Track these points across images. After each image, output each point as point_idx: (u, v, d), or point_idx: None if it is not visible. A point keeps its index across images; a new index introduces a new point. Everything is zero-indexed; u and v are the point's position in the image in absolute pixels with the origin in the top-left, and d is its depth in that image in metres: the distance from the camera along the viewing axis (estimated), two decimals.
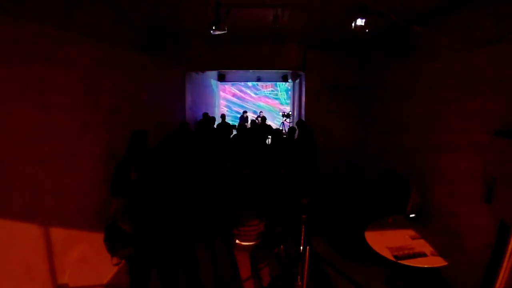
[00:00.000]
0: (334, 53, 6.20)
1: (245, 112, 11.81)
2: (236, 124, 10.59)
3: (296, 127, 6.01)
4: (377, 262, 2.64)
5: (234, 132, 7.86)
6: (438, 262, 2.43)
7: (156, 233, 2.57)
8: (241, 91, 13.48)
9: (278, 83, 12.74)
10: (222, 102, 13.12)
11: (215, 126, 6.97)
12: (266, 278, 2.92)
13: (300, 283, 2.65)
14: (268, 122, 9.46)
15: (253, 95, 13.59)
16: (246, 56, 6.37)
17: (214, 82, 11.17)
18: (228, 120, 9.30)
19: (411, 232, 2.86)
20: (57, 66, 2.51)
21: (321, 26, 4.54)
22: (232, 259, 2.89)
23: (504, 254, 2.14)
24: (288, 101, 13.05)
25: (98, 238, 2.49)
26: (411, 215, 3.15)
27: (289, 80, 10.35)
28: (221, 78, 10.94)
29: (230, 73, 10.44)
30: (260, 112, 12.07)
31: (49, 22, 2.40)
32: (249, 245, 2.73)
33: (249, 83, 13.17)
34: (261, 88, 13.51)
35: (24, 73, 2.17)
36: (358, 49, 5.82)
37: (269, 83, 13.13)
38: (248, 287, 2.83)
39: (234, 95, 13.47)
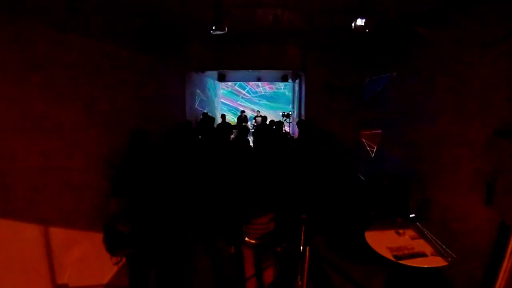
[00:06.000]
0: (334, 53, 6.20)
1: (242, 112, 11.73)
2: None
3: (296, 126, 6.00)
4: (377, 262, 2.64)
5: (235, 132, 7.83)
6: (438, 262, 2.43)
7: (156, 232, 2.56)
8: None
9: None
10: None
11: (215, 126, 6.96)
12: (268, 278, 2.92)
13: (300, 283, 2.65)
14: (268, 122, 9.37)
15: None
16: (246, 56, 6.37)
17: (214, 82, 11.15)
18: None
19: (411, 232, 2.86)
20: (56, 66, 2.51)
21: (321, 26, 4.54)
22: (233, 260, 2.88)
23: (504, 254, 2.14)
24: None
25: (98, 238, 2.48)
26: (411, 215, 3.15)
27: (289, 80, 10.33)
28: (221, 78, 10.89)
29: (230, 73, 10.40)
30: (258, 111, 11.85)
31: (48, 22, 2.40)
32: (253, 243, 2.73)
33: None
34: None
35: (23, 73, 2.16)
36: (358, 49, 5.82)
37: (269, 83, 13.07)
38: (250, 287, 2.83)
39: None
